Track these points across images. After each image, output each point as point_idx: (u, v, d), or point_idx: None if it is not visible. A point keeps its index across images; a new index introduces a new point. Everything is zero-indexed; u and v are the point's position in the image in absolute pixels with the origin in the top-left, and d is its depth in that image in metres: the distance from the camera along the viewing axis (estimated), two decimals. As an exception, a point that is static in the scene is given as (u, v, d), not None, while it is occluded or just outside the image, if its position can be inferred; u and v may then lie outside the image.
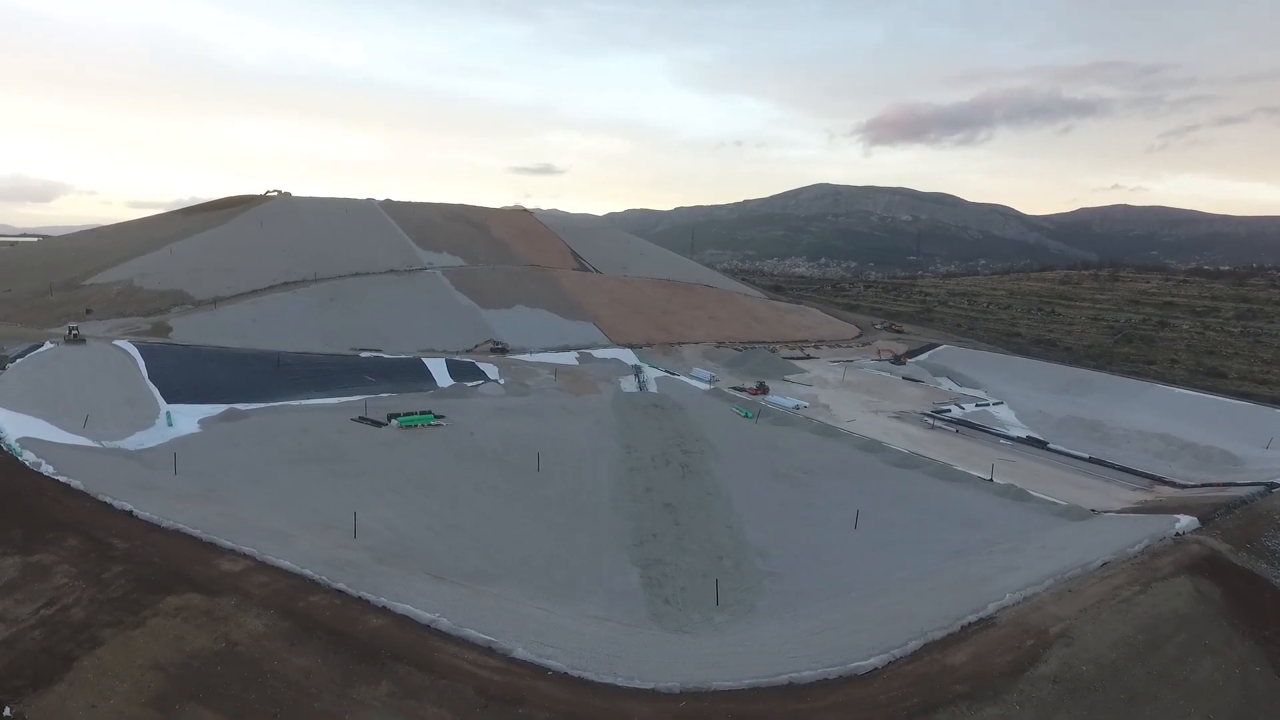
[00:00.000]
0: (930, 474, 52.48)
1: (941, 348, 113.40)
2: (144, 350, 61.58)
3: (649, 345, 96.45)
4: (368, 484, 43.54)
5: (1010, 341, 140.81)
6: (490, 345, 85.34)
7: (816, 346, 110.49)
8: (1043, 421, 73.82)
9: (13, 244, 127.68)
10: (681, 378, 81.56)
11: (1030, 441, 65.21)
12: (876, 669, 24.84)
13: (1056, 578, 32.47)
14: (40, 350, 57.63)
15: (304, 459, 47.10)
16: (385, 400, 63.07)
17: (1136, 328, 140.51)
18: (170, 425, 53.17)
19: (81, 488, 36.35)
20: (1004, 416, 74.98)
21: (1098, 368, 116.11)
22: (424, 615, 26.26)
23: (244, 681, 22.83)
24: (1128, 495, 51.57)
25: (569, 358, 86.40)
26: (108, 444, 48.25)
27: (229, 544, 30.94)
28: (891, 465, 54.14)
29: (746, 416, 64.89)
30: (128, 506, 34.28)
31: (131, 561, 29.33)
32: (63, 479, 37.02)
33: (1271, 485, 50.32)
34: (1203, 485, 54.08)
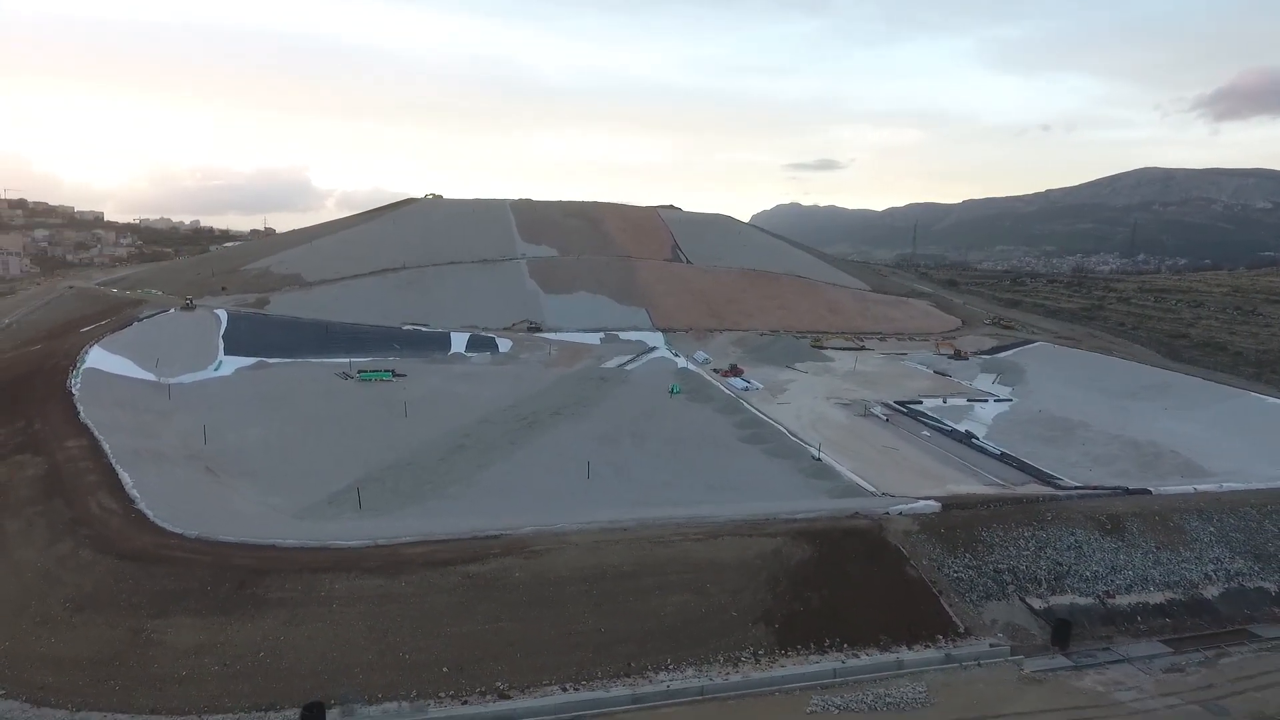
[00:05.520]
0: (766, 450, 54.11)
1: (1035, 345, 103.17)
2: (231, 316, 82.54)
3: (689, 330, 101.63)
4: (275, 413, 57.47)
5: (1172, 343, 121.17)
6: (526, 324, 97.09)
7: (882, 339, 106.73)
8: (1030, 420, 67.92)
9: (239, 244, 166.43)
10: (679, 358, 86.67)
11: (966, 436, 61.78)
12: (353, 548, 32.16)
13: (649, 525, 35.78)
14: (161, 313, 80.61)
15: (260, 397, 62.48)
16: (390, 362, 77.34)
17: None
18: (215, 371, 72.21)
19: (76, 396, 54.38)
20: (982, 413, 70.01)
21: (1257, 374, 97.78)
22: (128, 481, 38.46)
23: (-13, 500, 36.72)
24: (966, 488, 48.78)
25: (594, 338, 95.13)
26: (163, 379, 67.76)
27: (96, 433, 45.94)
28: (739, 440, 56.38)
29: (674, 391, 69.42)
30: (79, 410, 51.23)
31: (30, 436, 45.39)
32: (73, 390, 55.61)
33: (1146, 491, 45.45)
34: (1084, 487, 48.94)
